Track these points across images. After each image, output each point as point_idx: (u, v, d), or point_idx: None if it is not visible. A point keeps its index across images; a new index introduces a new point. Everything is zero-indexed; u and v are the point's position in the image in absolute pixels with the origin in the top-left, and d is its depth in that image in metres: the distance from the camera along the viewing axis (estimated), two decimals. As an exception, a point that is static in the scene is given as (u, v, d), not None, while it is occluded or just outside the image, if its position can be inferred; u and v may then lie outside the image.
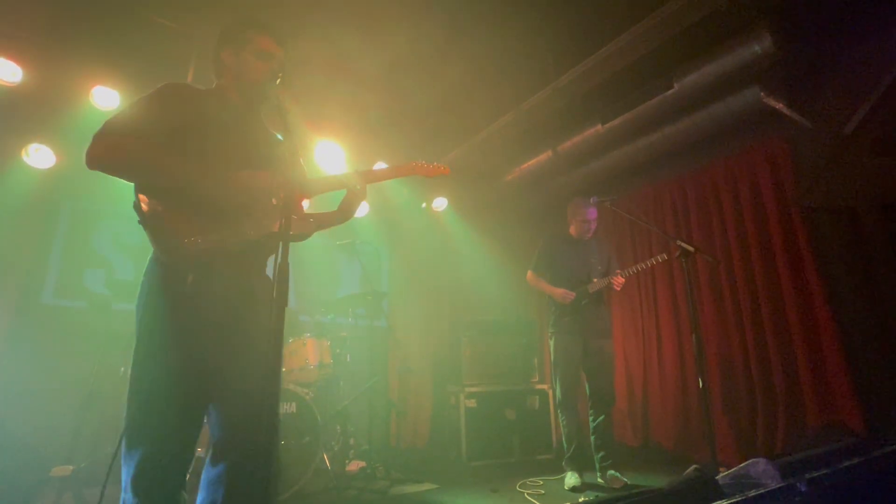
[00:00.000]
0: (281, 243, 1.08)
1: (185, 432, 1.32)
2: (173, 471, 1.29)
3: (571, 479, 3.03)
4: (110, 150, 1.28)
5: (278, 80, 1.43)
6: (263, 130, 1.61)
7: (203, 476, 1.38)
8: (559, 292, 3.22)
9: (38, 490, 2.87)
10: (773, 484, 1.33)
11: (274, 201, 1.44)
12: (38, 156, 3.67)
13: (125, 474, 1.26)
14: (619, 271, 3.17)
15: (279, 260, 1.07)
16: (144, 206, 1.30)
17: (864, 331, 2.94)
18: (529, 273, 3.46)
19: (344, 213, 1.65)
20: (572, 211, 3.39)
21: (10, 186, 3.71)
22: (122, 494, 1.26)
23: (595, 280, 3.22)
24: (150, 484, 1.25)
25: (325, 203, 1.82)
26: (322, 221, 1.61)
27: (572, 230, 3.42)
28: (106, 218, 4.18)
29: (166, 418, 1.27)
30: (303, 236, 1.52)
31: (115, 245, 4.17)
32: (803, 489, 1.25)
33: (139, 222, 1.31)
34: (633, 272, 3.20)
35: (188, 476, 1.36)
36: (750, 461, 1.53)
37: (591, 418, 3.15)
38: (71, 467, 2.83)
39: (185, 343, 1.30)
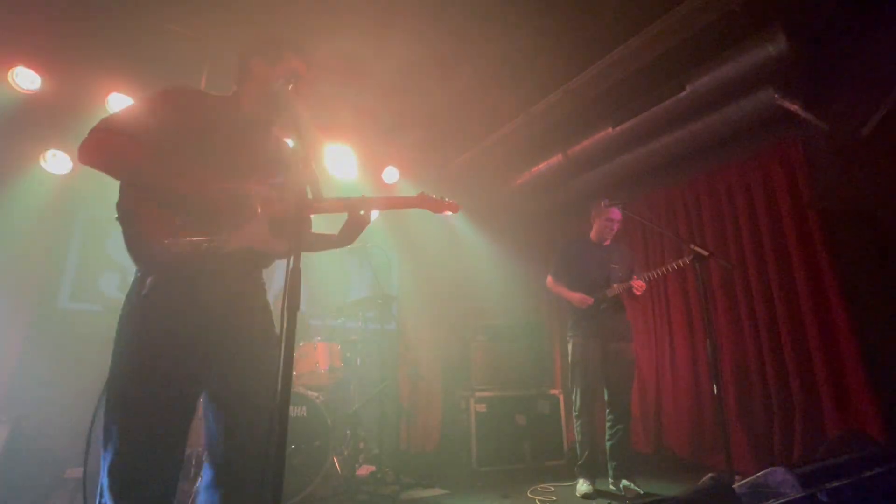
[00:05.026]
0: (292, 253, 1.08)
1: (163, 441, 1.25)
2: (153, 479, 1.23)
3: (583, 486, 2.99)
4: (97, 146, 1.30)
5: (290, 87, 1.42)
6: (273, 140, 1.61)
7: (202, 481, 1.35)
8: (576, 297, 3.14)
9: (52, 491, 2.90)
10: (794, 493, 1.30)
11: (259, 211, 1.38)
12: (55, 161, 3.73)
13: (103, 480, 1.21)
14: (635, 276, 3.09)
15: (290, 266, 1.06)
16: (124, 205, 1.29)
17: (883, 336, 2.88)
18: (549, 278, 3.36)
19: (344, 237, 1.61)
20: (597, 211, 3.30)
21: (27, 191, 3.77)
22: (98, 499, 1.21)
23: (615, 285, 3.13)
24: (131, 491, 1.20)
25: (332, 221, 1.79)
26: (321, 242, 1.60)
27: (594, 232, 3.34)
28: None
29: (138, 427, 1.22)
30: (286, 254, 1.41)
31: (129, 249, 4.21)
32: (825, 500, 1.22)
33: (116, 219, 1.29)
34: (655, 276, 3.09)
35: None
36: (768, 470, 1.50)
37: (608, 425, 3.09)
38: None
39: (156, 352, 1.26)
